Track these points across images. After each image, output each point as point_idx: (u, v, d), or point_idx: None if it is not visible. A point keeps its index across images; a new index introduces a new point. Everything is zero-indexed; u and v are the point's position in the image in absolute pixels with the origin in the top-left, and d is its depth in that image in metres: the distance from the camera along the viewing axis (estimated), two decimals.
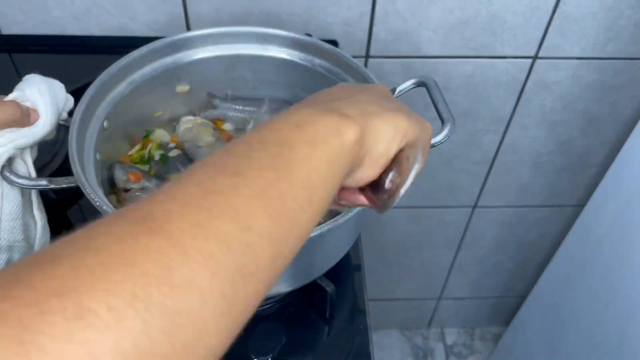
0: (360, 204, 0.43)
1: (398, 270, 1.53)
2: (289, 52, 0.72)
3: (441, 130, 0.61)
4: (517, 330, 1.50)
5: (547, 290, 1.33)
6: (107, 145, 0.67)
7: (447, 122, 0.61)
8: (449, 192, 1.28)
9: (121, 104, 0.68)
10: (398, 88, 0.67)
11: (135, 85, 0.69)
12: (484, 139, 1.15)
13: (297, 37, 0.71)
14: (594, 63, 1.03)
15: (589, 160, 1.22)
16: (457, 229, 1.39)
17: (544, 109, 1.10)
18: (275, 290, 0.62)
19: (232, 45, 0.72)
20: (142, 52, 0.68)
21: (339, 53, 0.69)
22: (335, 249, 0.65)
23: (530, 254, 1.49)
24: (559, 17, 0.95)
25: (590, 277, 1.13)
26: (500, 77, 1.04)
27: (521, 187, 1.28)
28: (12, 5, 0.90)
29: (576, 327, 1.18)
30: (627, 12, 0.95)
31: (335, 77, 0.70)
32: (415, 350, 1.74)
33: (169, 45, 0.70)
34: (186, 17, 0.92)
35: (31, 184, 0.59)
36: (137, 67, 0.69)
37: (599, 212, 1.10)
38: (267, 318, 0.68)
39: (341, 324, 0.68)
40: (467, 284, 1.60)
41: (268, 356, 0.64)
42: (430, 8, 0.93)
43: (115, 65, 0.66)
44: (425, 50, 0.99)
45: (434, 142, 0.60)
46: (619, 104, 1.10)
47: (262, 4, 0.90)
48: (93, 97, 0.64)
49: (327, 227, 0.54)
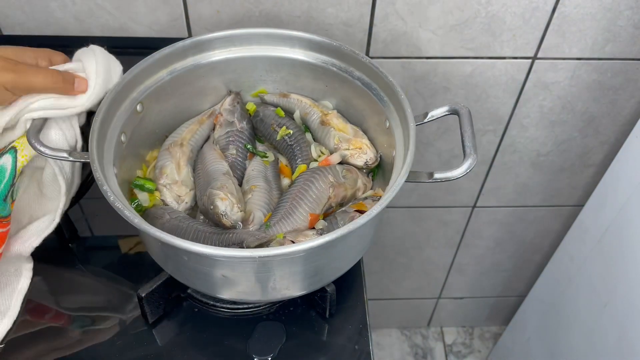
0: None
1: (398, 270, 1.53)
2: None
3: (462, 163, 0.60)
4: (516, 330, 1.50)
5: (546, 289, 1.33)
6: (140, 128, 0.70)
7: (468, 156, 0.61)
8: (448, 192, 1.28)
9: (159, 90, 0.71)
10: (430, 113, 0.68)
11: (175, 75, 0.71)
12: (484, 139, 1.16)
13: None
14: (593, 63, 1.03)
15: (588, 160, 1.22)
16: (456, 229, 1.40)
17: (543, 109, 1.11)
18: (288, 294, 0.63)
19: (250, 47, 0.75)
20: (185, 43, 0.71)
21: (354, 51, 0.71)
22: (355, 251, 0.65)
23: (529, 254, 1.49)
24: (558, 18, 0.96)
25: (589, 277, 1.13)
26: (500, 77, 1.04)
27: (520, 187, 1.28)
28: (13, 6, 0.90)
29: (575, 327, 1.18)
30: (626, 12, 0.95)
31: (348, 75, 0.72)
32: (414, 349, 1.74)
33: (211, 41, 0.73)
34: (187, 18, 0.92)
35: (51, 154, 0.60)
36: (179, 58, 0.72)
37: (597, 211, 1.10)
38: (267, 318, 0.69)
39: (341, 323, 0.68)
40: (467, 284, 1.60)
41: (268, 356, 0.65)
42: (429, 9, 0.93)
43: (158, 52, 0.69)
44: (425, 50, 0.99)
45: (452, 177, 0.60)
46: (618, 104, 1.10)
47: (262, 4, 0.91)
48: (131, 79, 0.67)
49: (347, 230, 0.54)
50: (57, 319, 0.68)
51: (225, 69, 0.75)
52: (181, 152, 0.71)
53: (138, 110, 0.69)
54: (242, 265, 0.56)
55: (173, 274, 0.64)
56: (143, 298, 0.64)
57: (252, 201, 0.67)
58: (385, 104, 0.69)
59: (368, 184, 0.71)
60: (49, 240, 0.73)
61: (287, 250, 0.53)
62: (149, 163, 0.73)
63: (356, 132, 0.73)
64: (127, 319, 0.68)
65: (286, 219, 0.64)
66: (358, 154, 0.71)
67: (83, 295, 0.70)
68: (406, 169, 0.59)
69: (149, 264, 0.68)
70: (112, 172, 0.61)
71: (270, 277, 0.58)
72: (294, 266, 0.58)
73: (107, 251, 0.75)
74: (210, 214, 0.63)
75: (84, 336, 0.66)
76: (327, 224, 0.65)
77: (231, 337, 0.67)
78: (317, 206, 0.66)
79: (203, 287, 0.63)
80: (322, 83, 0.75)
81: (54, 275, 0.71)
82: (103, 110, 0.63)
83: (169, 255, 0.61)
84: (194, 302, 0.70)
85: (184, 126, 0.75)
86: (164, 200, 0.68)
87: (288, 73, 0.76)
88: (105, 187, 0.56)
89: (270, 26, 0.84)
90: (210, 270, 0.58)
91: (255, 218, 0.65)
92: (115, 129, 0.65)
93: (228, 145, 0.74)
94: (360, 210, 0.66)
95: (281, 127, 0.75)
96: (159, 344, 0.66)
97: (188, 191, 0.69)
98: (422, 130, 1.12)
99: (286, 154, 0.76)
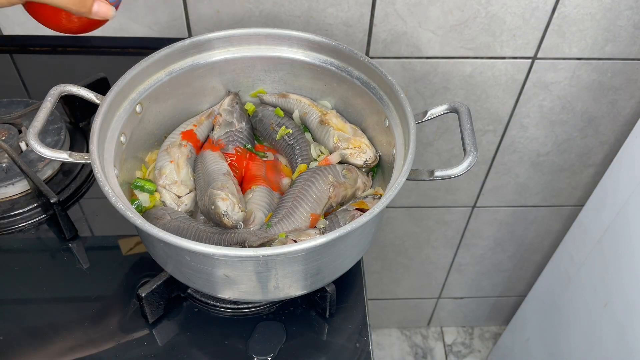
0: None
1: (398, 270, 1.53)
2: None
3: (462, 161, 0.60)
4: (516, 330, 1.50)
5: (546, 289, 1.33)
6: (139, 129, 0.70)
7: (469, 154, 0.61)
8: (448, 192, 1.28)
9: (158, 91, 0.70)
10: (430, 111, 0.68)
11: (174, 75, 0.71)
12: (484, 139, 1.16)
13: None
14: (593, 63, 1.03)
15: (588, 160, 1.22)
16: (456, 229, 1.40)
17: (543, 109, 1.11)
18: (290, 294, 0.63)
19: (250, 47, 0.74)
20: (184, 44, 0.70)
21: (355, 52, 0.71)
22: (357, 249, 0.65)
23: (529, 254, 1.49)
24: (558, 18, 0.96)
25: (589, 277, 1.13)
26: (500, 77, 1.04)
27: (520, 187, 1.28)
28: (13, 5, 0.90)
29: (575, 326, 1.18)
30: (625, 12, 0.95)
31: (347, 74, 0.72)
32: (414, 349, 1.74)
33: (210, 41, 0.72)
34: (187, 18, 0.92)
35: (52, 155, 0.60)
36: (177, 59, 0.71)
37: (597, 211, 1.10)
38: (267, 318, 0.69)
39: (341, 323, 0.68)
40: (467, 284, 1.60)
41: (268, 356, 0.65)
42: (429, 9, 0.93)
43: (157, 53, 0.69)
44: (425, 50, 0.99)
45: (453, 174, 0.60)
46: (618, 104, 1.10)
47: (262, 4, 0.91)
48: (130, 80, 0.67)
49: (350, 228, 0.54)
50: (56, 319, 0.68)
51: (224, 69, 0.75)
52: (180, 152, 0.71)
53: (137, 111, 0.69)
54: (244, 265, 0.56)
55: (173, 274, 0.64)
56: (143, 298, 0.64)
57: (253, 201, 0.67)
58: (384, 103, 0.69)
59: (368, 183, 0.72)
60: (49, 240, 0.73)
61: (291, 249, 0.53)
62: (149, 164, 0.73)
63: (355, 132, 0.73)
64: (127, 319, 0.68)
65: (287, 219, 0.64)
66: (357, 153, 0.71)
67: (83, 295, 0.70)
68: (407, 166, 0.59)
69: (149, 264, 0.68)
70: (112, 173, 0.61)
71: (272, 277, 0.58)
72: (295, 265, 0.58)
73: (107, 251, 0.75)
74: (212, 214, 0.63)
75: (84, 336, 0.66)
76: (328, 223, 0.65)
77: (231, 337, 0.67)
78: (317, 206, 0.66)
79: (204, 287, 0.63)
80: (321, 83, 0.75)
81: (54, 275, 0.71)
82: (103, 111, 0.63)
83: (170, 255, 0.60)
84: (194, 302, 0.70)
85: (183, 126, 0.75)
86: (163, 202, 0.68)
87: (287, 73, 0.76)
88: (107, 188, 0.56)
89: (270, 26, 0.84)
90: (212, 270, 0.58)
91: (256, 218, 0.65)
92: (115, 129, 0.66)
93: (227, 145, 0.74)
94: (361, 209, 0.66)
95: (280, 127, 0.75)
96: (159, 344, 0.66)
97: (188, 191, 0.69)
98: (421, 130, 1.12)
99: (286, 154, 0.76)
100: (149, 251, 0.65)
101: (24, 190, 0.78)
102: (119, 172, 0.64)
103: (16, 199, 0.77)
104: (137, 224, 0.54)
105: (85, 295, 0.70)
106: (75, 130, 0.86)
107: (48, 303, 0.69)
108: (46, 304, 0.69)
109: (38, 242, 0.75)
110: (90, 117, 0.87)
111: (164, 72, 0.71)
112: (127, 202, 0.58)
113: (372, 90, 0.70)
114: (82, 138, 0.85)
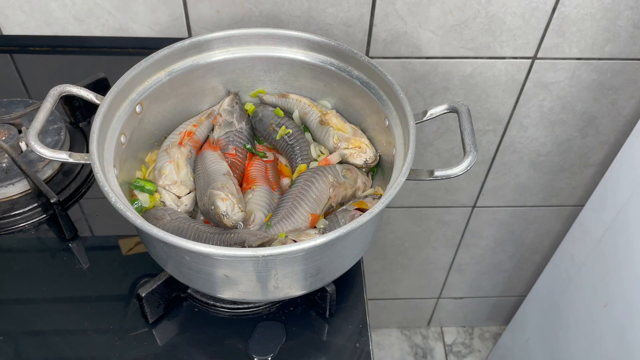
0: None
1: (398, 270, 1.53)
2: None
3: (462, 161, 0.60)
4: (516, 330, 1.50)
5: (546, 289, 1.33)
6: (139, 129, 0.70)
7: (469, 154, 0.61)
8: (448, 192, 1.28)
9: (157, 91, 0.71)
10: (429, 111, 0.68)
11: (174, 76, 0.71)
12: (484, 139, 1.16)
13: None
14: (593, 63, 1.03)
15: (588, 160, 1.22)
16: (456, 229, 1.40)
17: (543, 109, 1.11)
18: (290, 294, 0.63)
19: (250, 47, 0.74)
20: (184, 44, 0.70)
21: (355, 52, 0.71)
22: (357, 249, 0.65)
23: (529, 254, 1.49)
24: (558, 18, 0.96)
25: (589, 277, 1.13)
26: (500, 77, 1.04)
27: (520, 187, 1.28)
28: (13, 6, 0.90)
29: (575, 326, 1.18)
30: (625, 12, 0.95)
31: (347, 74, 0.72)
32: (414, 349, 1.74)
33: (209, 41, 0.72)
34: (187, 18, 0.92)
35: (52, 156, 0.60)
36: (177, 59, 0.71)
37: (598, 211, 1.10)
38: (267, 318, 0.69)
39: (341, 323, 0.68)
40: (467, 284, 1.60)
41: (268, 356, 0.65)
42: (429, 9, 0.93)
43: (156, 53, 0.69)
44: (425, 50, 0.99)
45: (452, 174, 0.60)
46: (618, 104, 1.10)
47: (262, 5, 0.91)
48: (130, 80, 0.67)
49: (349, 227, 0.54)
50: (56, 319, 0.68)
51: (223, 70, 0.75)
52: (180, 152, 0.71)
53: (137, 111, 0.69)
54: (244, 265, 0.56)
55: (173, 274, 0.64)
56: (143, 298, 0.64)
57: (252, 201, 0.68)
58: (384, 103, 0.69)
59: (368, 183, 0.72)
60: (49, 240, 0.73)
61: (291, 249, 0.53)
62: (149, 164, 0.73)
63: (355, 131, 0.73)
64: (127, 319, 0.68)
65: (287, 219, 0.64)
66: (357, 153, 0.71)
67: (83, 295, 0.70)
68: (407, 166, 0.59)
69: (149, 264, 0.68)
70: (112, 173, 0.61)
71: (272, 277, 0.58)
72: (295, 265, 0.58)
73: (107, 251, 0.75)
74: (211, 215, 0.63)
75: (84, 336, 0.66)
76: (328, 223, 0.65)
77: (231, 337, 0.67)
78: (317, 206, 0.66)
79: (204, 287, 0.63)
80: (321, 83, 0.75)
81: (54, 275, 0.71)
82: (102, 111, 0.63)
83: (170, 255, 0.61)
84: (194, 302, 0.70)
85: (183, 127, 0.75)
86: (163, 202, 0.68)
87: (287, 73, 0.76)
88: (106, 189, 0.56)
89: (270, 26, 0.84)
90: (212, 270, 0.58)
91: (256, 218, 0.65)
92: (115, 130, 0.66)
93: (227, 145, 0.74)
94: (361, 209, 0.66)
95: (280, 127, 0.75)
96: (159, 344, 0.66)
97: (187, 192, 0.69)
98: (421, 130, 1.12)
99: (286, 154, 0.76)
100: (149, 251, 0.65)
101: (24, 190, 0.78)
102: (119, 172, 0.64)
103: (16, 199, 0.77)
104: (137, 224, 0.54)
105: (85, 295, 0.70)
106: (75, 130, 0.86)
107: (48, 303, 0.69)
108: (46, 304, 0.69)
109: (38, 242, 0.75)
110: (90, 117, 0.87)
111: (163, 73, 0.71)
112: (127, 202, 0.58)
113: (372, 90, 0.70)
114: (82, 138, 0.85)
